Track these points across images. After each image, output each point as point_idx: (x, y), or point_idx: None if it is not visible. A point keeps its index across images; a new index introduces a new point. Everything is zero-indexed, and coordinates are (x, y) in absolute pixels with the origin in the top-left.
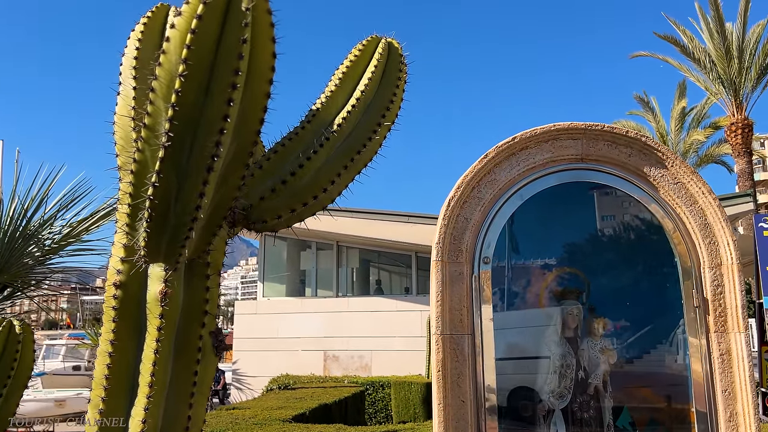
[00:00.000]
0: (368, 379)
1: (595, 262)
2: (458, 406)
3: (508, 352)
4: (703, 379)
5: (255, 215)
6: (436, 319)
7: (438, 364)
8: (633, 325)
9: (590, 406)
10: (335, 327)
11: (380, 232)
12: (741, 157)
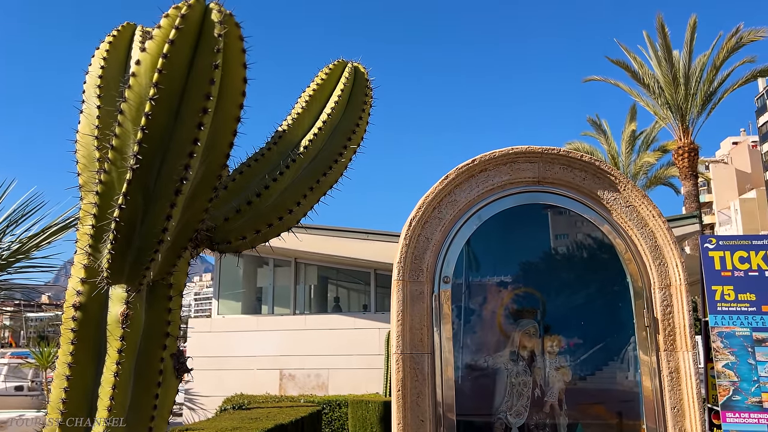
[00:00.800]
0: (325, 398)
1: (551, 282)
2: (417, 425)
3: (467, 371)
4: (653, 396)
5: (219, 236)
6: (397, 338)
7: (398, 383)
8: (586, 343)
9: (546, 423)
10: (292, 345)
11: (339, 249)
12: (688, 179)
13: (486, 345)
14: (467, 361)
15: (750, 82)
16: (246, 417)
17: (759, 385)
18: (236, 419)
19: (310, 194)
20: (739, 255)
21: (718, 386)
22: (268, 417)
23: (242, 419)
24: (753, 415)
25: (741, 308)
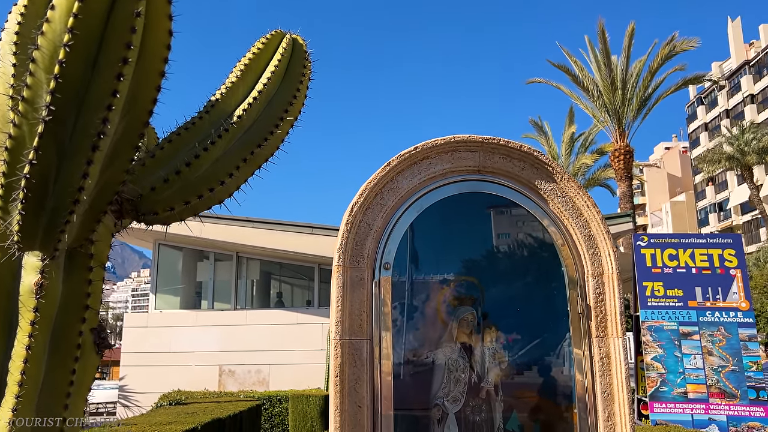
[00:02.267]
0: (266, 393)
1: (490, 274)
2: (355, 411)
3: (406, 357)
4: (584, 382)
5: (145, 206)
6: (336, 323)
7: (336, 369)
8: (524, 335)
9: (482, 409)
10: (232, 341)
11: (282, 243)
12: (623, 180)
13: (428, 340)
14: (406, 347)
15: (681, 89)
16: (182, 412)
17: (684, 376)
18: (172, 414)
19: (244, 166)
20: (668, 253)
21: (646, 378)
22: (205, 412)
23: (178, 414)
24: (678, 406)
25: (669, 303)
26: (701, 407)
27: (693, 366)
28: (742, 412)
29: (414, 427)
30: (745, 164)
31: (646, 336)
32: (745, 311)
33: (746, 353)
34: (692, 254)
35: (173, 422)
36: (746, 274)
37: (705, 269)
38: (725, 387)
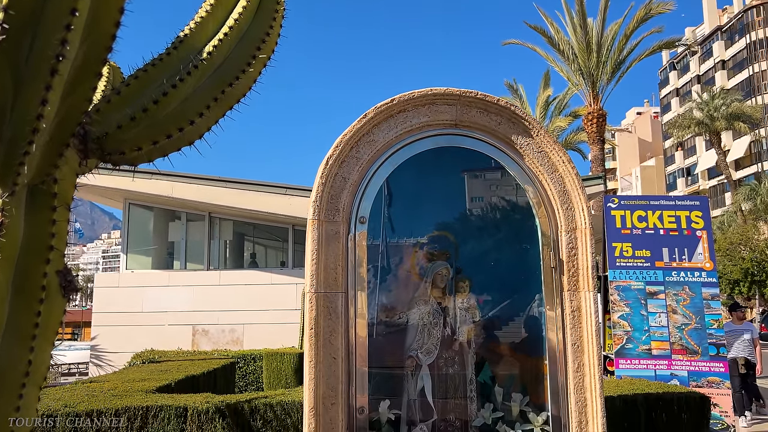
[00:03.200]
0: (240, 352)
1: (464, 232)
2: (330, 362)
3: (381, 310)
4: (555, 337)
5: (112, 145)
6: (311, 276)
7: (311, 321)
8: (497, 292)
9: (455, 361)
10: (206, 301)
11: (255, 203)
12: (595, 144)
13: (402, 300)
14: (381, 300)
15: (656, 53)
16: (155, 369)
17: (649, 334)
18: (145, 372)
19: (215, 105)
20: (638, 214)
21: (613, 336)
22: (178, 369)
23: (151, 371)
24: (642, 362)
25: (637, 264)
26: (664, 363)
27: (658, 324)
28: (702, 368)
29: (388, 381)
30: (713, 130)
31: (614, 295)
32: (709, 271)
33: (708, 311)
34: (660, 216)
35: (146, 379)
36: (711, 236)
37: (672, 230)
38: (687, 344)
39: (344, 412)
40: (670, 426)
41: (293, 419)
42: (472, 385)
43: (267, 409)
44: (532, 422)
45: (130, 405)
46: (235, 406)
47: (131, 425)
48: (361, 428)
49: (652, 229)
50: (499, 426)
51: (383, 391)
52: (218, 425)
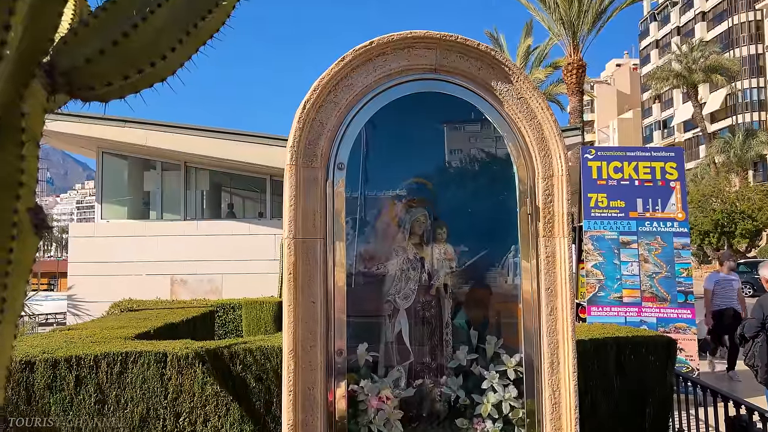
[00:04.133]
0: (219, 301)
1: (443, 181)
2: (308, 306)
3: (360, 261)
4: (530, 284)
5: (80, 79)
6: (289, 222)
7: (290, 267)
8: (474, 240)
9: (431, 305)
10: (183, 251)
11: (232, 153)
12: (574, 95)
13: (379, 233)
14: (360, 247)
15: (637, 1)
16: (134, 317)
17: (621, 282)
18: (123, 319)
19: (187, 39)
20: (614, 165)
21: (586, 284)
22: (157, 317)
23: (129, 319)
24: (614, 309)
25: (611, 214)
26: (634, 310)
27: (629, 273)
28: (671, 314)
29: (367, 328)
30: (691, 82)
31: (588, 245)
32: (681, 221)
33: (679, 260)
34: (636, 167)
35: (125, 326)
36: (685, 186)
37: (647, 182)
38: (657, 292)
39: (323, 355)
40: (638, 367)
41: (272, 363)
42: (448, 329)
43: (246, 354)
44: (506, 363)
45: (110, 351)
46: (214, 352)
47: (111, 371)
48: (340, 370)
49: (628, 180)
50: (474, 367)
51: (361, 336)
52: (198, 370)
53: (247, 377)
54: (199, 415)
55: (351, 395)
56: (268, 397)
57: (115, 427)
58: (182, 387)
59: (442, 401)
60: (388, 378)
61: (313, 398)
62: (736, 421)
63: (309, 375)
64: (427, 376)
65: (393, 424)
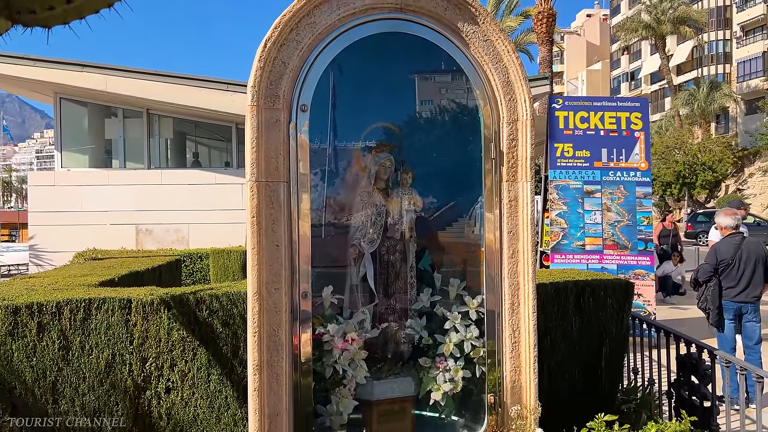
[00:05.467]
0: (186, 251)
1: (411, 129)
2: (272, 249)
3: (324, 201)
4: (493, 234)
5: (20, 2)
6: (251, 165)
7: (253, 210)
8: (439, 186)
9: (396, 249)
10: (148, 200)
11: (196, 100)
12: (544, 45)
13: (343, 177)
14: (325, 191)
15: None
16: (98, 266)
17: (584, 230)
18: (87, 268)
19: None
20: (580, 115)
21: (550, 233)
22: (122, 265)
23: (93, 268)
24: (576, 256)
25: (577, 164)
26: (596, 257)
27: (592, 221)
28: (630, 261)
29: (331, 264)
30: (659, 33)
31: (553, 194)
32: (644, 171)
33: (640, 209)
34: (602, 117)
35: (89, 275)
36: (649, 136)
37: (612, 131)
38: (619, 240)
39: (288, 297)
40: (596, 309)
41: (239, 309)
42: (412, 272)
43: (213, 300)
44: (468, 304)
45: (72, 298)
46: (180, 298)
47: (74, 317)
48: (305, 312)
49: (593, 130)
50: (437, 309)
51: (327, 279)
52: (163, 316)
53: (213, 322)
54: (166, 360)
55: (316, 337)
56: (235, 342)
57: (80, 372)
58: (148, 333)
59: (406, 343)
60: (353, 320)
61: (278, 339)
62: (686, 359)
63: (274, 317)
64: (392, 318)
65: (358, 363)
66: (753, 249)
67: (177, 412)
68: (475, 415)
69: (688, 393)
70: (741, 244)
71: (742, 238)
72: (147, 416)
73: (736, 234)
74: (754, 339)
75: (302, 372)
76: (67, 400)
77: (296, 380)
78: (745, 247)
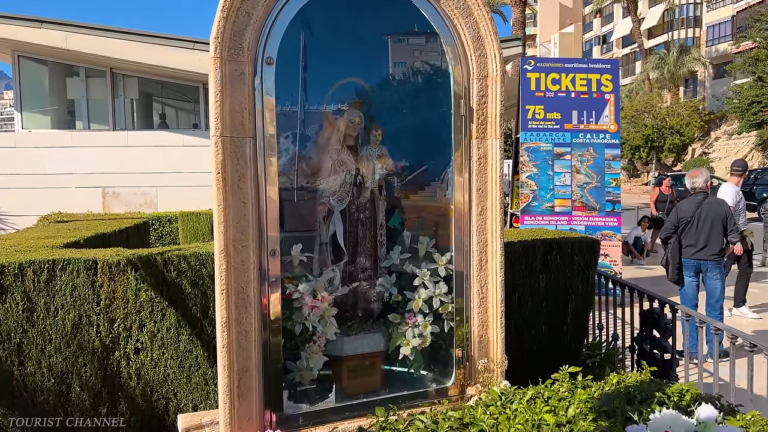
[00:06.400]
0: (154, 214)
1: (383, 89)
2: (239, 207)
3: (292, 157)
4: (462, 195)
5: None
6: (216, 120)
7: (218, 166)
8: (409, 144)
9: (366, 207)
10: (114, 162)
11: (162, 58)
12: (517, 6)
13: (311, 135)
14: (293, 148)
15: None
16: (63, 228)
17: (553, 192)
18: (51, 230)
19: None
20: (552, 77)
21: (520, 195)
22: (88, 228)
23: (58, 230)
24: (546, 218)
25: (547, 126)
26: (565, 219)
27: (562, 183)
28: (598, 222)
29: (300, 222)
30: None
31: (524, 157)
32: (613, 133)
33: (609, 171)
34: (573, 79)
35: (52, 237)
36: (618, 98)
37: (583, 93)
38: (587, 201)
39: (256, 254)
40: (563, 266)
41: (208, 269)
42: (382, 230)
43: (181, 260)
44: (437, 261)
45: (35, 259)
46: (147, 258)
47: (37, 279)
48: (273, 269)
49: (564, 92)
50: (407, 266)
51: (296, 237)
52: (131, 277)
53: (182, 283)
54: (134, 320)
55: (286, 296)
56: (204, 302)
57: (46, 334)
58: (115, 294)
59: (377, 301)
60: (323, 277)
61: (247, 296)
62: (649, 314)
63: (242, 274)
64: (362, 277)
65: (328, 320)
66: (713, 208)
67: (147, 373)
68: (444, 369)
69: (650, 347)
70: (702, 203)
71: (705, 197)
72: (116, 377)
73: (700, 193)
74: (715, 297)
75: (272, 330)
76: (33, 362)
77: (266, 338)
78: (705, 206)
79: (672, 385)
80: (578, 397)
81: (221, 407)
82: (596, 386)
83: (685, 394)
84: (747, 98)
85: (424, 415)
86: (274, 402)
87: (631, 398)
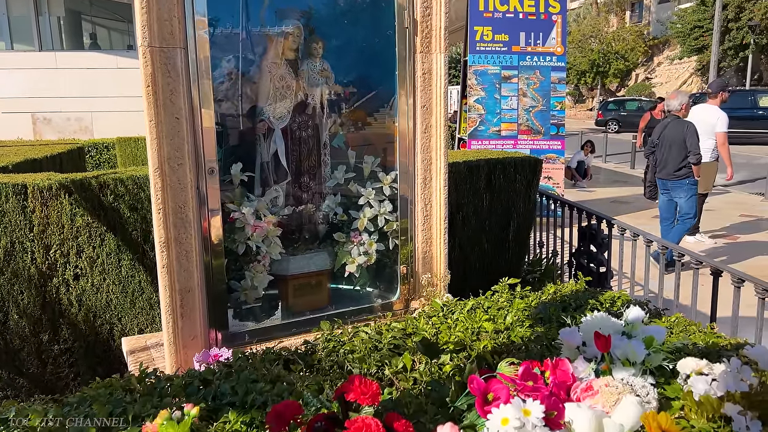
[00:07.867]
0: (90, 141)
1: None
2: (172, 123)
3: (228, 71)
4: (407, 121)
5: None
6: (142, 28)
7: (148, 78)
8: (351, 60)
9: (308, 125)
10: (43, 86)
11: None
12: None
13: (246, 48)
14: (228, 60)
15: None
16: None
17: (500, 116)
18: None
19: None
20: None
21: (468, 119)
22: (16, 154)
23: None
24: (492, 142)
25: (495, 48)
26: (510, 143)
27: (509, 107)
28: (543, 146)
29: (239, 140)
30: None
31: (471, 80)
32: (560, 56)
33: (554, 94)
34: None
35: None
36: (566, 20)
37: (531, 14)
38: (533, 125)
39: (193, 173)
40: (506, 185)
41: (147, 193)
42: (326, 149)
43: (118, 184)
44: (382, 180)
45: None
46: (81, 182)
47: None
48: (212, 188)
49: (512, 13)
50: (351, 185)
51: (235, 156)
52: (65, 202)
53: (120, 207)
54: (72, 246)
55: (231, 219)
56: (144, 227)
57: None
58: (49, 219)
59: (323, 222)
60: (266, 197)
61: (185, 216)
62: (587, 229)
63: (179, 194)
64: (307, 197)
65: (272, 240)
66: (671, 132)
67: (88, 299)
68: (389, 285)
69: (587, 261)
70: (667, 126)
71: (671, 121)
72: (56, 303)
73: (671, 116)
74: (682, 212)
75: (214, 251)
76: None
77: (208, 259)
78: (667, 129)
79: (605, 293)
80: (516, 306)
81: (164, 327)
82: (534, 296)
83: (616, 300)
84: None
85: (368, 327)
86: (219, 321)
87: (566, 306)
